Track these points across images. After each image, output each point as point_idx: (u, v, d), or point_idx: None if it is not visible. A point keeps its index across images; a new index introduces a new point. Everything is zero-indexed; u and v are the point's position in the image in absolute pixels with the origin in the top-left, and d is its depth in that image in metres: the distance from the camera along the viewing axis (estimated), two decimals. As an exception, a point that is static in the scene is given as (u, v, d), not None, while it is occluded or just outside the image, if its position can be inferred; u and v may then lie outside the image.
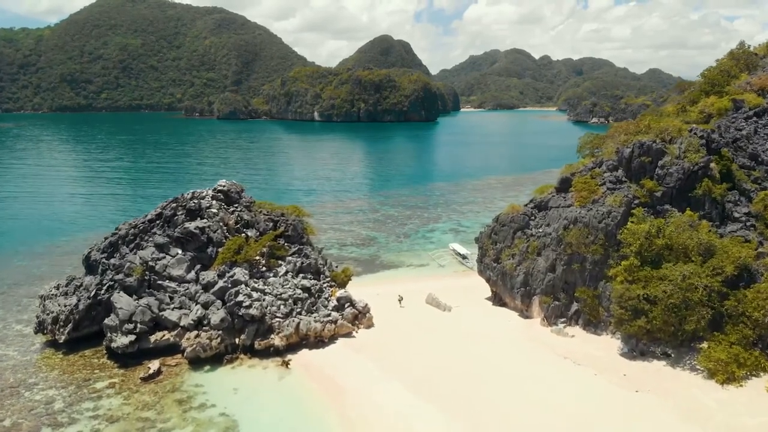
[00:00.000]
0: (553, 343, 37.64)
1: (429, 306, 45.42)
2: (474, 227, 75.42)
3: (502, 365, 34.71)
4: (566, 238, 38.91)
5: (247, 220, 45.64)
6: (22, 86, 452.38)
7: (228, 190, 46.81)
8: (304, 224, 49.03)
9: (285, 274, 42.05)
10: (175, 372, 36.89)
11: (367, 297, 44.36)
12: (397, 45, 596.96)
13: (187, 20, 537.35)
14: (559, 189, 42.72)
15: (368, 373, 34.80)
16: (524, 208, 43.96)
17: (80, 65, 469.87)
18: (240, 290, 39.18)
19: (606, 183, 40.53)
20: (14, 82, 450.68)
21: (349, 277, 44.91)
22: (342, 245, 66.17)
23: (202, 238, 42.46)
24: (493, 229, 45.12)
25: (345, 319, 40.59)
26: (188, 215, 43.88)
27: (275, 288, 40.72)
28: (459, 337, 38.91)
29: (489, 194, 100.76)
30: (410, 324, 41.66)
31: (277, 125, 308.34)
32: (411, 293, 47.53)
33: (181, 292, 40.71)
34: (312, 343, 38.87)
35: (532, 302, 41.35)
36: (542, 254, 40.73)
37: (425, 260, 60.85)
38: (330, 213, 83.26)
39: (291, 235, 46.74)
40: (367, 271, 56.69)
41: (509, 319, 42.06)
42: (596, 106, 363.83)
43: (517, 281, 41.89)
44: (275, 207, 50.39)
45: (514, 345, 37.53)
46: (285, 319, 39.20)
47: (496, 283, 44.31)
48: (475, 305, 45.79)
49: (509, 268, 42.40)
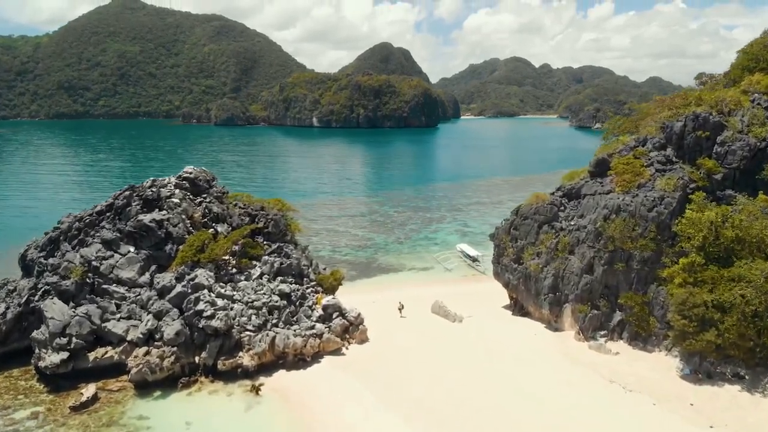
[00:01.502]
0: (593, 363, 29.88)
1: (435, 316, 37.71)
2: (482, 228, 67.90)
3: (533, 392, 26.92)
4: (607, 232, 31.31)
5: (218, 213, 38.12)
6: (19, 93, 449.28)
7: (195, 178, 39.34)
8: (288, 220, 41.54)
9: (259, 277, 34.43)
10: (115, 399, 29.28)
11: (360, 305, 36.71)
12: (397, 52, 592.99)
13: (186, 27, 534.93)
14: (594, 173, 35.21)
15: (360, 402, 27.08)
16: (551, 196, 36.38)
17: (78, 72, 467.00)
18: (201, 296, 31.53)
19: (653, 163, 33.03)
20: (11, 90, 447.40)
21: (339, 281, 37.24)
22: (334, 247, 58.57)
23: (160, 233, 34.91)
24: (513, 223, 37.52)
25: (333, 333, 32.88)
26: (145, 206, 36.37)
27: (246, 294, 33.07)
28: (475, 354, 31.16)
29: (496, 194, 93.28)
30: (413, 338, 33.91)
31: (274, 131, 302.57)
32: (414, 300, 39.83)
33: (130, 299, 33.10)
34: (290, 363, 31.13)
35: (563, 311, 33.64)
36: (576, 252, 33.10)
37: (429, 263, 53.21)
38: (322, 212, 75.76)
39: (272, 233, 39.20)
40: (363, 276, 49.07)
41: (535, 332, 34.31)
42: (599, 111, 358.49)
43: (544, 285, 34.20)
44: (255, 200, 42.92)
45: (546, 365, 29.73)
46: (257, 332, 31.51)
47: (516, 288, 36.62)
48: (490, 315, 38.09)
49: (534, 269, 34.73)
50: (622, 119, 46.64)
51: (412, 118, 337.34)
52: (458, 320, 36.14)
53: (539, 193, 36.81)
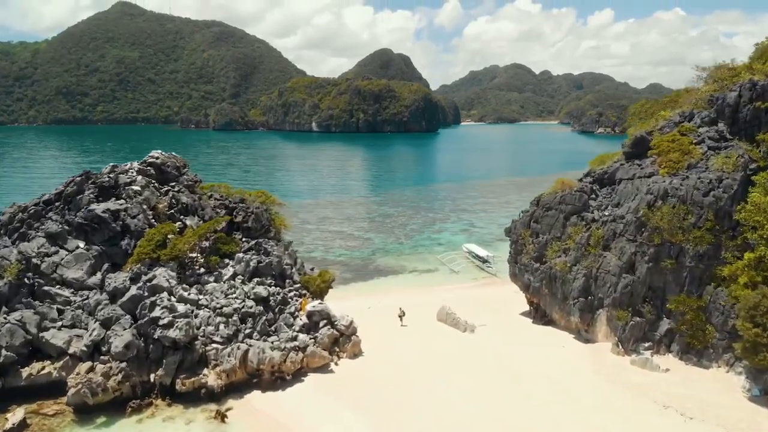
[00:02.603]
0: (640, 383, 24.18)
1: (442, 324, 32.04)
2: (490, 228, 62.37)
3: (574, 423, 21.17)
4: (652, 221, 25.78)
5: (187, 203, 32.59)
6: (17, 99, 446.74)
7: (162, 164, 33.87)
8: (272, 214, 36.08)
9: (232, 278, 28.83)
10: (48, 426, 23.80)
11: (354, 312, 31.13)
12: (397, 58, 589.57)
13: (185, 33, 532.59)
14: (631, 154, 29.70)
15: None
16: (580, 183, 30.80)
17: (76, 78, 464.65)
18: (158, 301, 25.93)
19: (704, 140, 27.55)
20: (9, 95, 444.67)
21: (328, 283, 31.57)
22: (328, 247, 52.94)
23: (115, 225, 29.38)
24: (533, 215, 31.94)
25: (319, 345, 27.23)
26: (101, 195, 30.87)
27: (215, 298, 27.46)
28: (492, 373, 25.47)
29: (503, 194, 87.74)
30: (416, 351, 28.26)
31: (273, 135, 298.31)
32: (416, 307, 34.22)
33: (76, 303, 27.53)
34: (266, 382, 25.47)
35: (597, 318, 27.99)
36: (612, 247, 27.52)
37: (433, 264, 47.58)
38: (316, 212, 70.22)
39: (252, 228, 33.67)
40: (358, 278, 43.42)
41: (563, 344, 28.61)
42: (602, 116, 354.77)
43: (573, 288, 28.57)
44: (234, 191, 37.46)
45: (582, 387, 24.01)
46: (226, 344, 25.87)
47: (538, 292, 30.97)
48: (507, 323, 32.41)
49: (560, 268, 29.12)
50: (649, 102, 41.08)
51: (413, 122, 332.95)
52: (469, 330, 30.46)
53: (565, 179, 31.27)
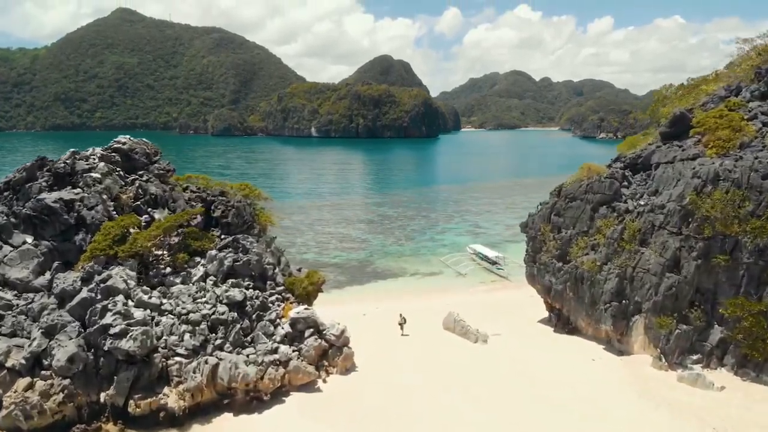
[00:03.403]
0: (691, 405, 19.87)
1: (449, 334, 27.76)
2: (496, 229, 58.23)
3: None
4: (700, 210, 21.62)
5: (156, 195, 28.43)
6: (15, 105, 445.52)
7: (130, 150, 29.74)
8: (256, 209, 31.95)
9: (203, 278, 24.61)
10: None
11: (348, 318, 26.93)
12: (397, 65, 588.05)
13: (185, 40, 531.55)
14: (669, 134, 25.58)
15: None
16: (609, 169, 26.59)
17: (75, 84, 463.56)
18: (111, 305, 21.71)
19: (757, 116, 23.47)
20: (7, 101, 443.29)
21: (317, 285, 27.30)
22: (322, 249, 48.72)
23: (68, 217, 25.21)
24: (554, 207, 27.75)
25: (304, 358, 22.97)
26: (55, 183, 26.76)
27: (181, 303, 23.23)
28: (512, 391, 21.15)
29: (508, 196, 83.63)
30: (419, 365, 23.98)
31: (272, 140, 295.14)
32: (419, 313, 30.00)
33: (19, 308, 23.28)
34: (240, 403, 21.19)
35: (633, 326, 23.74)
36: (652, 242, 23.33)
37: (437, 267, 43.37)
38: (311, 214, 66.14)
39: (232, 224, 29.50)
40: (354, 281, 39.15)
41: (592, 356, 24.29)
42: (604, 121, 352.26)
43: (604, 290, 24.32)
44: (215, 183, 33.34)
45: (623, 410, 19.66)
46: (191, 358, 21.61)
47: (561, 295, 26.73)
48: (524, 332, 28.13)
49: (588, 267, 24.90)
50: (672, 87, 37.17)
51: (413, 128, 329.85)
52: (481, 340, 26.16)
53: (592, 165, 27.06)
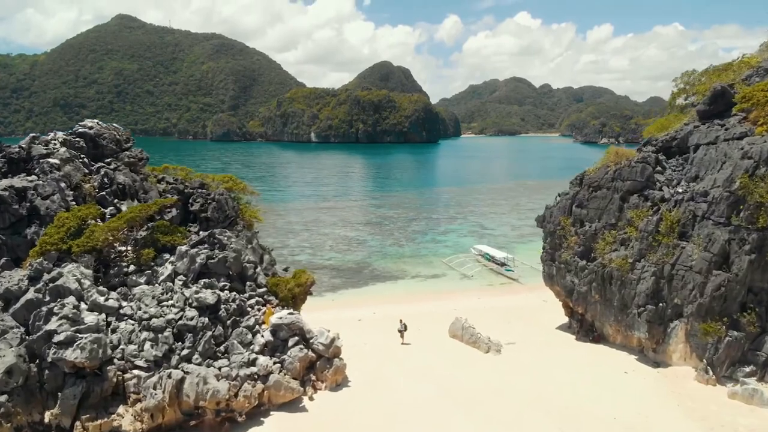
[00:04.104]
0: (749, 427, 16.45)
1: (456, 342, 24.33)
2: (501, 230, 54.90)
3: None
4: (753, 196, 18.36)
5: (125, 185, 25.18)
6: (14, 110, 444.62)
7: (97, 135, 26.54)
8: (239, 203, 28.73)
9: (170, 278, 21.26)
10: None
11: (341, 325, 23.60)
12: (397, 71, 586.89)
13: (185, 46, 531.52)
14: (707, 113, 22.31)
15: None
16: (640, 153, 23.26)
17: (74, 90, 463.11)
18: (58, 309, 18.36)
19: (815, 89, 20.23)
20: (6, 107, 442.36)
21: (305, 287, 23.91)
22: (316, 250, 45.37)
23: (19, 207, 21.95)
24: (576, 198, 24.43)
25: (287, 371, 19.57)
26: (9, 169, 23.58)
27: (143, 306, 19.86)
28: (533, 411, 17.71)
29: (513, 197, 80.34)
30: (421, 379, 20.53)
31: (271, 145, 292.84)
32: (421, 318, 26.62)
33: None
34: (210, 425, 17.79)
35: (672, 333, 20.34)
36: (694, 235, 20.01)
37: (440, 269, 40.00)
38: (305, 214, 62.94)
39: (212, 218, 26.26)
40: (349, 284, 35.74)
41: (624, 368, 20.84)
42: (605, 126, 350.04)
43: (637, 291, 20.95)
44: (195, 175, 30.14)
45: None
46: (152, 371, 18.22)
47: (585, 299, 23.35)
48: (542, 340, 24.70)
49: (618, 265, 21.54)
50: (695, 73, 33.95)
51: (413, 133, 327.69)
52: (494, 350, 22.73)
53: (620, 149, 23.69)
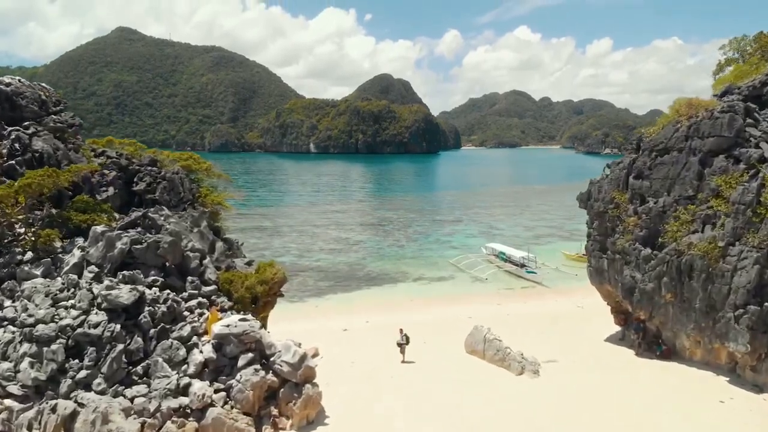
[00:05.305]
0: None
1: (476, 360, 18.22)
2: (513, 230, 49.08)
3: None
4: None
5: (44, 153, 19.40)
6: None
7: (15, 93, 20.83)
8: (200, 185, 23.11)
9: (77, 269, 15.30)
10: None
11: (321, 337, 17.58)
12: (397, 83, 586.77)
13: (184, 58, 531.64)
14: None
15: None
16: (722, 102, 17.43)
17: (73, 102, 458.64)
18: None
19: None
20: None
21: (271, 286, 17.87)
22: (303, 250, 39.45)
23: None
24: (632, 168, 18.52)
25: (236, 403, 13.45)
26: None
27: (31, 306, 13.89)
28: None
29: (522, 199, 74.68)
30: (429, 414, 14.40)
31: (270, 156, 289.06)
32: (426, 328, 20.60)
33: None
34: (110, 488, 11.64)
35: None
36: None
37: (447, 270, 34.03)
38: (295, 215, 57.22)
39: (162, 201, 20.60)
40: (338, 288, 29.63)
41: (717, 396, 14.75)
42: (608, 136, 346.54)
43: (731, 287, 14.97)
44: (148, 151, 24.56)
45: None
46: (31, 401, 12.16)
47: (650, 300, 17.35)
48: (591, 357, 18.60)
49: (702, 251, 15.58)
50: (752, 37, 28.40)
51: (413, 143, 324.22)
52: (531, 370, 16.61)
53: (693, 99, 17.90)
